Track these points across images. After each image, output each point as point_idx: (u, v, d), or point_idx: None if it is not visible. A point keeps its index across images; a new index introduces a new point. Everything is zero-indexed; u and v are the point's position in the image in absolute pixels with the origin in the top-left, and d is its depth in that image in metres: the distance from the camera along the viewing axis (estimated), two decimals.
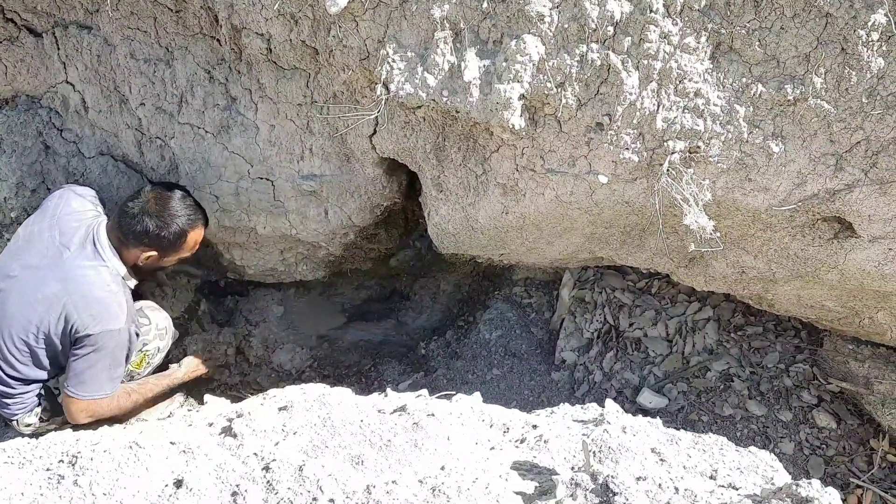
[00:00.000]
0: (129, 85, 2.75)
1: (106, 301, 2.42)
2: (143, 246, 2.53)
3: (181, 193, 2.59)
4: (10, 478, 1.26)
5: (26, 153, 2.99)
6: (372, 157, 2.61)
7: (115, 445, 1.31)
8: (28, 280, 2.44)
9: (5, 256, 2.56)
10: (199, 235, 2.67)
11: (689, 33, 1.87)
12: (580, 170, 2.15)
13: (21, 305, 2.43)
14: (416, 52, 2.10)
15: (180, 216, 2.53)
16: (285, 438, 1.47)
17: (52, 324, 2.39)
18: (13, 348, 2.45)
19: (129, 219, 2.48)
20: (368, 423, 1.50)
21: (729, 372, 2.86)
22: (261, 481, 1.28)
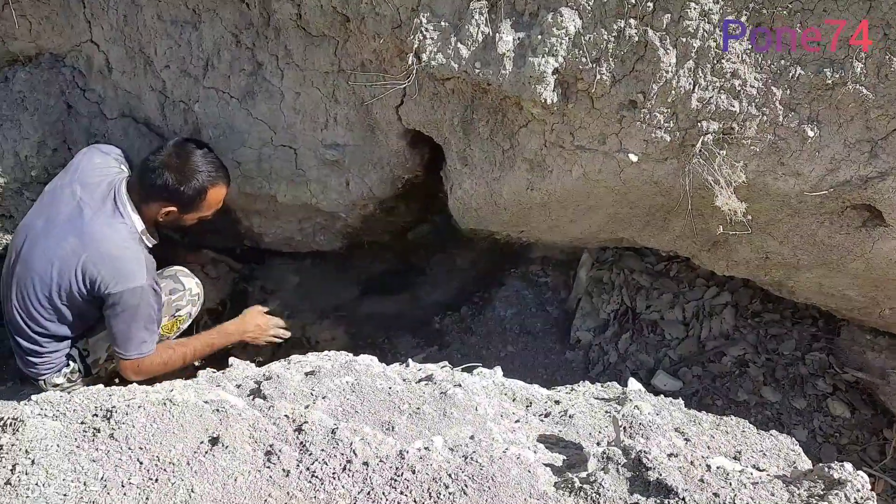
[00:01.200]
0: (154, 47, 2.74)
1: (123, 258, 2.41)
2: (162, 201, 2.50)
3: (204, 150, 2.55)
4: (46, 429, 1.27)
5: (49, 112, 2.98)
6: (397, 129, 2.60)
7: (148, 401, 1.31)
8: (50, 236, 2.45)
9: (31, 213, 2.57)
10: (220, 194, 2.61)
11: (729, 12, 1.85)
12: (610, 148, 2.14)
13: (43, 262, 2.44)
14: (450, 21, 2.08)
15: (201, 171, 2.49)
16: (314, 402, 1.47)
17: (73, 280, 2.40)
18: (38, 305, 2.46)
19: (149, 172, 2.47)
20: (397, 391, 1.51)
21: (745, 358, 2.86)
22: (294, 442, 1.29)
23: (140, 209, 2.51)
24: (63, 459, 1.20)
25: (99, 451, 1.22)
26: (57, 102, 3.00)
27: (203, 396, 1.44)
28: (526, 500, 1.20)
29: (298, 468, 1.23)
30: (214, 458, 1.22)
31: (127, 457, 1.21)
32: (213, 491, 1.18)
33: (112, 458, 1.21)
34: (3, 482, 1.18)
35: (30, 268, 2.44)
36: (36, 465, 1.19)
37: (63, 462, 1.20)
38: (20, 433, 1.27)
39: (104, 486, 1.17)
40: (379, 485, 1.20)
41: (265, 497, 1.18)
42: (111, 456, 1.21)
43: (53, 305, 2.45)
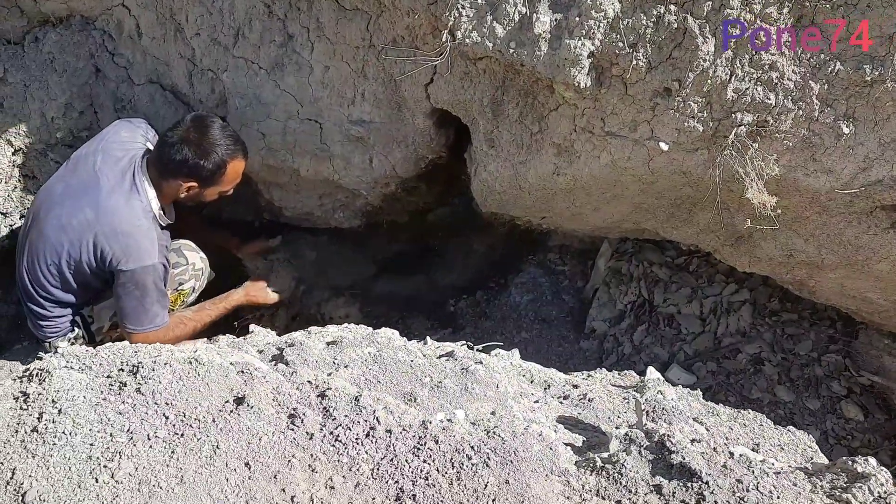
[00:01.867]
0: (185, 13, 2.74)
1: (136, 235, 2.41)
2: (182, 177, 2.49)
3: (221, 123, 2.53)
4: (72, 380, 1.27)
5: (77, 74, 2.99)
6: (424, 107, 2.59)
7: (175, 359, 1.32)
8: (66, 204, 2.45)
9: (54, 177, 2.58)
10: (239, 167, 2.61)
11: (771, 2, 1.83)
12: (641, 135, 2.12)
13: (56, 229, 2.44)
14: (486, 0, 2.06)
15: (220, 145, 2.47)
16: (337, 370, 1.47)
17: (83, 251, 2.41)
18: (45, 271, 2.47)
19: (168, 148, 2.45)
20: (419, 364, 1.51)
21: (760, 356, 2.85)
22: (317, 407, 1.29)
23: (160, 186, 2.51)
24: (89, 410, 1.21)
25: (125, 405, 1.23)
26: (86, 65, 3.00)
27: (227, 358, 1.44)
28: (548, 476, 1.20)
29: (322, 432, 1.23)
30: (239, 417, 1.22)
31: (153, 411, 1.21)
32: (237, 448, 1.18)
33: (138, 411, 1.22)
34: (30, 429, 1.19)
35: (42, 233, 2.45)
36: (63, 414, 1.19)
37: (89, 413, 1.20)
38: (47, 383, 1.28)
39: (130, 438, 1.18)
40: (402, 452, 1.20)
41: (289, 458, 1.18)
42: (137, 409, 1.22)
43: (61, 273, 2.47)
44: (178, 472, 1.14)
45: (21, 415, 1.22)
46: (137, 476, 1.13)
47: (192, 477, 1.13)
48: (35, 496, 1.09)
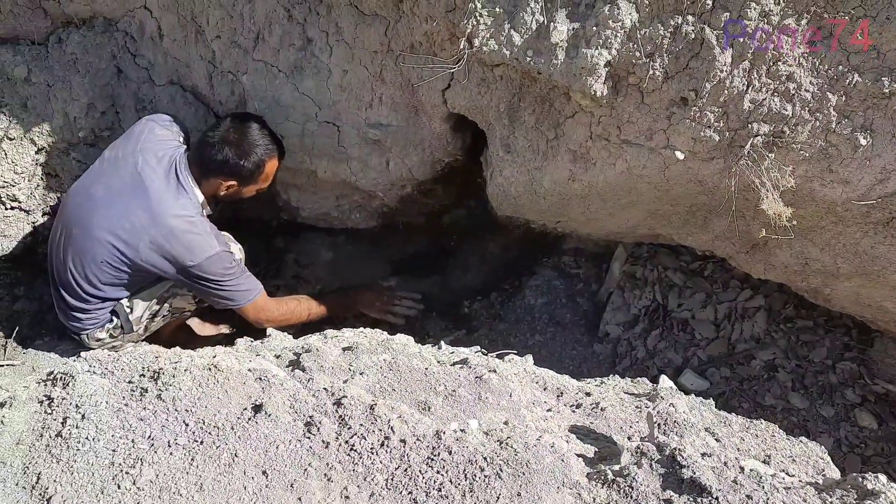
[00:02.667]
0: (206, 16, 2.77)
1: (193, 231, 2.50)
2: (223, 176, 2.60)
3: (259, 124, 2.64)
4: (95, 385, 1.31)
5: (99, 75, 3.03)
6: (441, 112, 2.61)
7: (195, 366, 1.35)
8: (114, 206, 2.51)
9: (89, 176, 2.63)
10: (274, 166, 2.73)
11: (790, 14, 1.83)
12: (657, 144, 2.13)
13: (106, 232, 2.50)
14: (504, 8, 2.07)
15: (259, 145, 2.59)
16: (353, 377, 1.50)
17: (141, 251, 2.48)
18: (97, 269, 2.54)
19: (209, 148, 2.55)
20: (433, 372, 1.53)
21: (774, 362, 2.84)
22: (333, 415, 1.31)
23: (200, 183, 2.60)
24: (112, 416, 1.24)
25: (146, 411, 1.26)
26: (108, 66, 3.04)
27: (245, 364, 1.47)
28: (559, 489, 1.22)
29: (338, 441, 1.26)
30: (257, 425, 1.25)
31: (173, 418, 1.25)
32: (255, 456, 1.21)
33: (159, 418, 1.25)
34: (54, 434, 1.23)
35: (90, 235, 2.50)
36: (86, 419, 1.23)
37: (112, 419, 1.24)
38: (70, 388, 1.32)
39: (151, 445, 1.21)
40: (416, 462, 1.22)
41: (305, 466, 1.21)
42: (158, 416, 1.25)
43: (117, 272, 2.55)
44: (197, 480, 1.17)
45: (46, 419, 1.26)
46: (158, 483, 1.16)
47: (210, 484, 1.16)
48: (60, 501, 1.13)
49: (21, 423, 1.24)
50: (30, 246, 3.31)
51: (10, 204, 3.17)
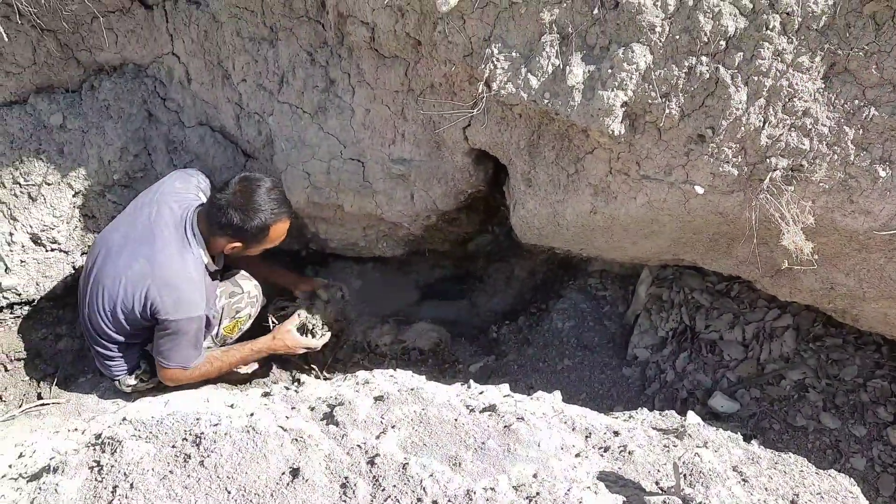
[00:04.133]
0: (232, 61, 2.85)
1: (187, 290, 2.55)
2: (227, 237, 2.63)
3: (268, 186, 2.61)
4: (141, 451, 1.38)
5: (131, 120, 3.13)
6: (463, 147, 2.66)
7: (233, 428, 1.41)
8: (122, 254, 2.60)
9: (112, 224, 2.74)
10: (282, 228, 2.72)
11: (803, 52, 1.84)
12: (676, 178, 2.15)
13: (112, 278, 2.60)
14: (520, 52, 2.11)
15: (264, 210, 2.57)
16: (385, 432, 1.55)
17: (136, 301, 2.55)
18: (103, 316, 2.64)
19: (216, 210, 2.58)
20: (463, 424, 1.58)
21: (804, 382, 2.84)
22: (367, 475, 1.37)
23: (208, 240, 2.66)
24: (158, 485, 1.31)
25: (191, 478, 1.32)
26: (139, 110, 3.14)
27: (280, 421, 1.53)
28: None
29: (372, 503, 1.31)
30: (295, 490, 1.31)
31: (216, 485, 1.31)
32: None
33: (203, 485, 1.31)
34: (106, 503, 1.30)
35: (100, 281, 2.60)
36: (135, 489, 1.30)
37: (159, 488, 1.30)
38: (118, 454, 1.39)
39: None
40: None
41: None
42: (202, 484, 1.31)
43: (116, 319, 2.62)
44: None
45: (97, 487, 1.33)
46: None
47: None
48: None
49: (74, 492, 1.31)
50: (70, 285, 3.42)
51: (50, 246, 3.29)
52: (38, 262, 3.30)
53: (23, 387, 3.27)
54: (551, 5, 1.99)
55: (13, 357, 3.32)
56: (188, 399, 2.88)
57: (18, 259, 3.26)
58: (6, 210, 3.20)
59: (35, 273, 3.30)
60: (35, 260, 3.29)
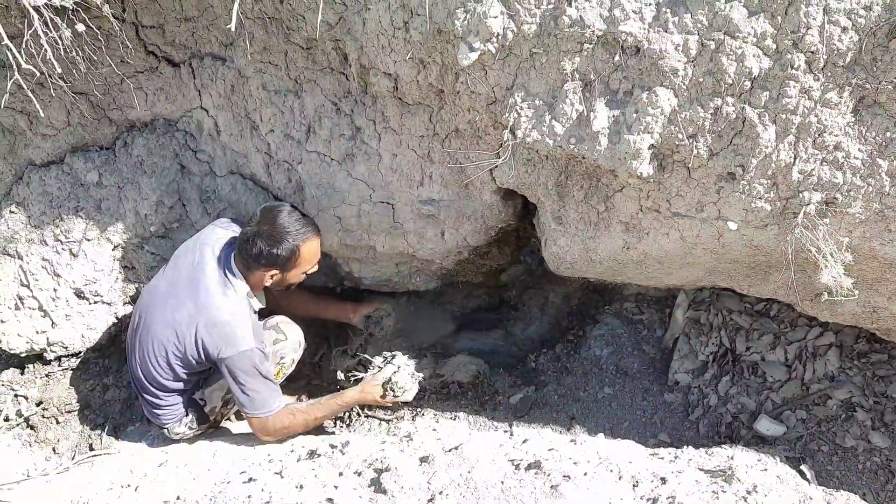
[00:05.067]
0: (259, 113, 2.90)
1: (232, 324, 2.62)
2: (262, 268, 2.70)
3: (288, 210, 2.71)
4: None
5: (164, 173, 3.20)
6: (491, 187, 2.67)
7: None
8: (169, 302, 2.69)
9: (158, 276, 2.82)
10: (313, 247, 2.79)
11: (830, 88, 1.83)
12: (708, 215, 2.14)
13: (162, 325, 2.68)
14: (544, 100, 2.12)
15: (289, 232, 2.66)
16: (432, 500, 1.57)
17: (187, 344, 2.64)
18: (157, 364, 2.71)
19: (245, 244, 2.67)
20: (510, 487, 1.59)
21: (851, 401, 2.79)
22: None
23: (247, 277, 2.73)
24: None
25: None
26: (171, 164, 3.21)
27: (329, 492, 1.56)
28: None
29: None
30: None
31: None
32: None
33: None
34: None
35: (150, 330, 2.68)
36: None
37: None
38: None
39: None
40: None
41: None
42: None
43: (169, 365, 2.70)
44: None
45: None
46: None
47: None
48: None
49: None
50: (114, 335, 3.51)
51: (93, 299, 3.37)
52: (83, 315, 3.38)
53: (74, 438, 3.35)
54: (572, 54, 2.00)
55: (64, 409, 3.41)
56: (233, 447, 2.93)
57: (64, 313, 3.35)
58: (49, 267, 3.29)
59: (80, 326, 3.39)
60: (79, 313, 3.37)
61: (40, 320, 3.36)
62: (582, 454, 1.91)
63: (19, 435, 3.36)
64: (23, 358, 3.44)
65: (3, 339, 3.31)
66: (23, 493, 2.84)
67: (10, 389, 3.43)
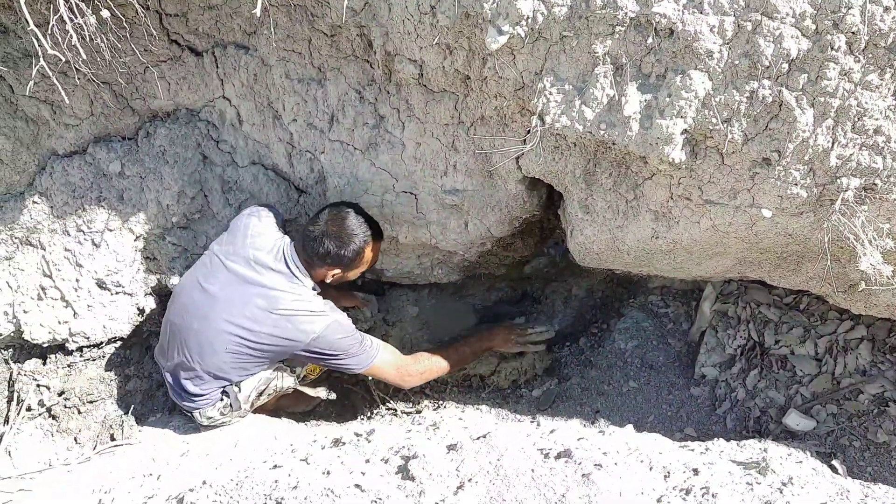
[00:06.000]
0: (282, 102, 2.88)
1: (308, 310, 2.66)
2: (327, 266, 2.74)
3: (355, 212, 2.74)
4: None
5: (186, 164, 3.19)
6: (516, 176, 2.64)
7: (312, 492, 1.42)
8: (233, 298, 2.68)
9: (199, 271, 2.80)
10: (376, 249, 2.85)
11: (871, 70, 1.78)
12: (742, 202, 2.09)
13: (228, 321, 2.67)
14: (573, 85, 2.09)
15: (357, 234, 2.70)
16: (462, 487, 1.54)
17: (265, 337, 2.65)
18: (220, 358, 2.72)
19: (311, 242, 2.69)
20: (540, 475, 1.55)
21: (884, 395, 2.73)
22: None
23: (309, 270, 2.75)
24: None
25: None
26: (194, 154, 3.19)
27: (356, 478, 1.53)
28: None
29: None
30: None
31: None
32: None
33: None
34: None
35: (213, 327, 2.68)
36: None
37: None
38: None
39: None
40: None
41: None
42: None
43: (241, 357, 2.71)
44: None
45: None
46: None
47: None
48: None
49: None
50: (136, 326, 3.50)
51: (115, 290, 3.37)
52: (105, 305, 3.38)
53: (96, 428, 3.35)
54: (603, 37, 1.96)
55: (86, 400, 3.41)
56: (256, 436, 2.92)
57: (86, 304, 3.35)
58: (72, 257, 3.30)
59: (102, 317, 3.38)
60: (101, 304, 3.37)
61: (62, 311, 3.36)
62: (611, 445, 1.87)
63: (41, 425, 3.37)
64: (45, 348, 3.44)
65: (25, 330, 3.32)
66: (44, 482, 2.84)
67: (32, 380, 3.44)
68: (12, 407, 3.38)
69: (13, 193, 3.26)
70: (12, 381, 3.45)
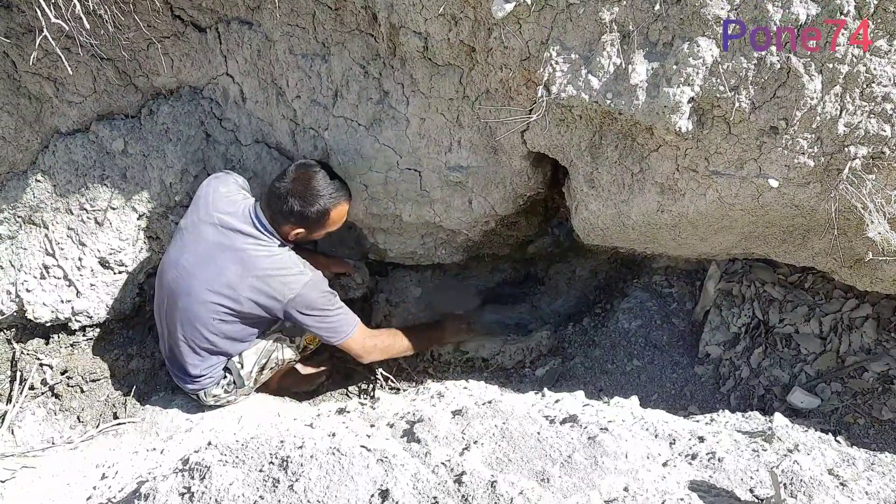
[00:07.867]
0: (286, 78, 2.87)
1: (284, 267, 2.67)
2: (290, 224, 2.71)
3: (323, 172, 2.71)
4: (230, 477, 1.39)
5: (189, 141, 3.18)
6: (521, 151, 2.62)
7: (318, 451, 1.41)
8: (208, 267, 2.68)
9: (174, 248, 2.80)
10: (342, 211, 2.81)
11: (880, 35, 1.76)
12: (748, 173, 2.08)
13: (208, 290, 2.67)
14: (580, 53, 2.07)
15: (323, 195, 2.67)
16: (467, 448, 1.54)
17: (245, 302, 2.65)
18: (208, 330, 2.73)
19: (276, 199, 2.67)
20: (546, 437, 1.55)
21: (889, 374, 2.72)
22: (455, 494, 1.35)
23: (275, 228, 2.74)
24: None
25: (281, 503, 1.33)
26: (197, 132, 3.19)
27: (362, 440, 1.53)
28: None
29: None
30: None
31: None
32: None
33: None
34: None
35: (196, 299, 2.67)
36: None
37: None
38: (208, 480, 1.40)
39: None
40: None
41: None
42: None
43: (227, 325, 2.72)
44: None
45: None
46: None
47: None
48: None
49: None
50: (138, 305, 3.50)
51: (117, 269, 3.36)
52: (107, 284, 3.37)
53: (99, 407, 3.35)
54: (610, 4, 1.95)
55: (89, 379, 3.40)
56: (259, 413, 2.92)
57: (88, 283, 3.35)
58: (74, 236, 3.29)
59: (104, 296, 3.38)
60: (104, 283, 3.37)
61: (65, 290, 3.36)
62: (616, 413, 1.87)
63: (44, 403, 3.37)
64: (48, 327, 3.44)
65: (28, 309, 3.32)
66: (48, 460, 2.85)
67: (35, 359, 3.44)
68: (15, 386, 3.37)
69: (16, 172, 3.25)
70: (15, 361, 3.45)
